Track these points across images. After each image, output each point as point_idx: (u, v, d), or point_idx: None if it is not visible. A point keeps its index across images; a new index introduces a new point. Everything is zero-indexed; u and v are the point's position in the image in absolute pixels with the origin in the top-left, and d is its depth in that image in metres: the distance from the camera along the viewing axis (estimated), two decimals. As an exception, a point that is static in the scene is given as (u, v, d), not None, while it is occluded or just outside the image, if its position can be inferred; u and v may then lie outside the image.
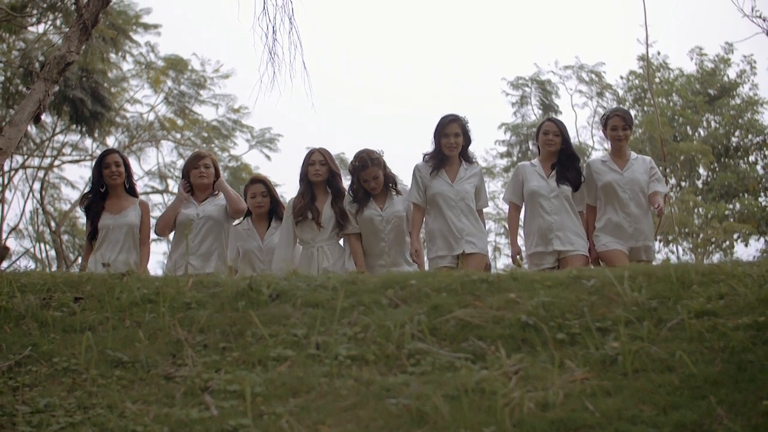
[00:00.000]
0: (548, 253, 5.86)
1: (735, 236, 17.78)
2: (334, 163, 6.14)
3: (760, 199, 18.41)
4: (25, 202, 21.26)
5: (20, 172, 20.45)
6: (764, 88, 22.66)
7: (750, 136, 19.42)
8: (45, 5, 14.87)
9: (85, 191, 6.56)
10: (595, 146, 22.04)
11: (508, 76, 25.21)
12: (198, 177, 6.24)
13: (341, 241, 6.13)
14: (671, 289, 3.52)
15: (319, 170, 6.04)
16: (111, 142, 20.35)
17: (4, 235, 19.87)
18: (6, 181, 19.50)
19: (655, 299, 3.46)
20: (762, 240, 18.02)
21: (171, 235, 6.47)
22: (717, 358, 3.00)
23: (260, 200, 6.27)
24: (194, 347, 3.41)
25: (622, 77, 22.26)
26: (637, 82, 21.54)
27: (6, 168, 18.32)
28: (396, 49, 42.14)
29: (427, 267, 5.98)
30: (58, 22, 15.68)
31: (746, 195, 18.38)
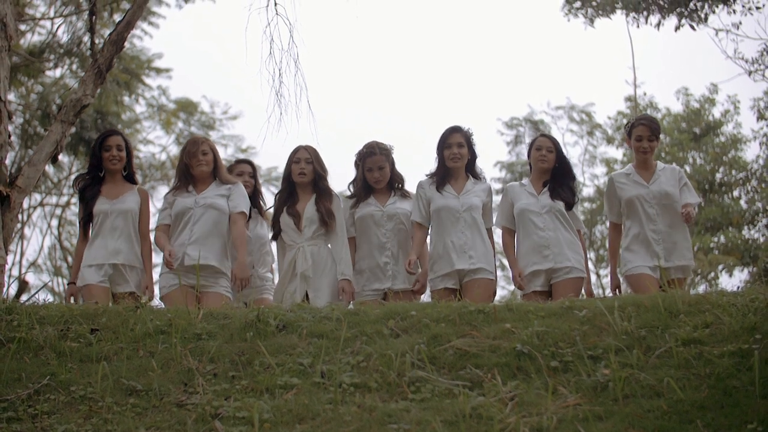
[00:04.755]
0: (542, 271, 5.39)
1: (720, 268, 17.84)
2: (320, 163, 5.56)
3: (743, 232, 18.46)
4: (44, 238, 21.55)
5: (39, 209, 20.79)
6: (747, 127, 23.00)
7: (734, 172, 19.55)
8: (62, 51, 15.26)
9: (81, 172, 5.91)
10: (586, 182, 22.27)
11: (503, 116, 25.76)
12: (196, 165, 5.54)
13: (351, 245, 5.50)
14: (659, 319, 3.62)
15: (304, 169, 5.46)
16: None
17: (23, 270, 20.09)
18: (25, 218, 19.76)
19: (644, 328, 3.56)
20: (745, 271, 18.03)
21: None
22: (703, 384, 3.10)
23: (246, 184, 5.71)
24: (205, 376, 3.51)
25: (610, 117, 22.70)
26: (624, 121, 21.81)
27: (25, 206, 18.57)
28: (394, 92, 42.77)
29: (428, 291, 5.46)
30: (74, 67, 16.04)
31: (730, 228, 18.46)
